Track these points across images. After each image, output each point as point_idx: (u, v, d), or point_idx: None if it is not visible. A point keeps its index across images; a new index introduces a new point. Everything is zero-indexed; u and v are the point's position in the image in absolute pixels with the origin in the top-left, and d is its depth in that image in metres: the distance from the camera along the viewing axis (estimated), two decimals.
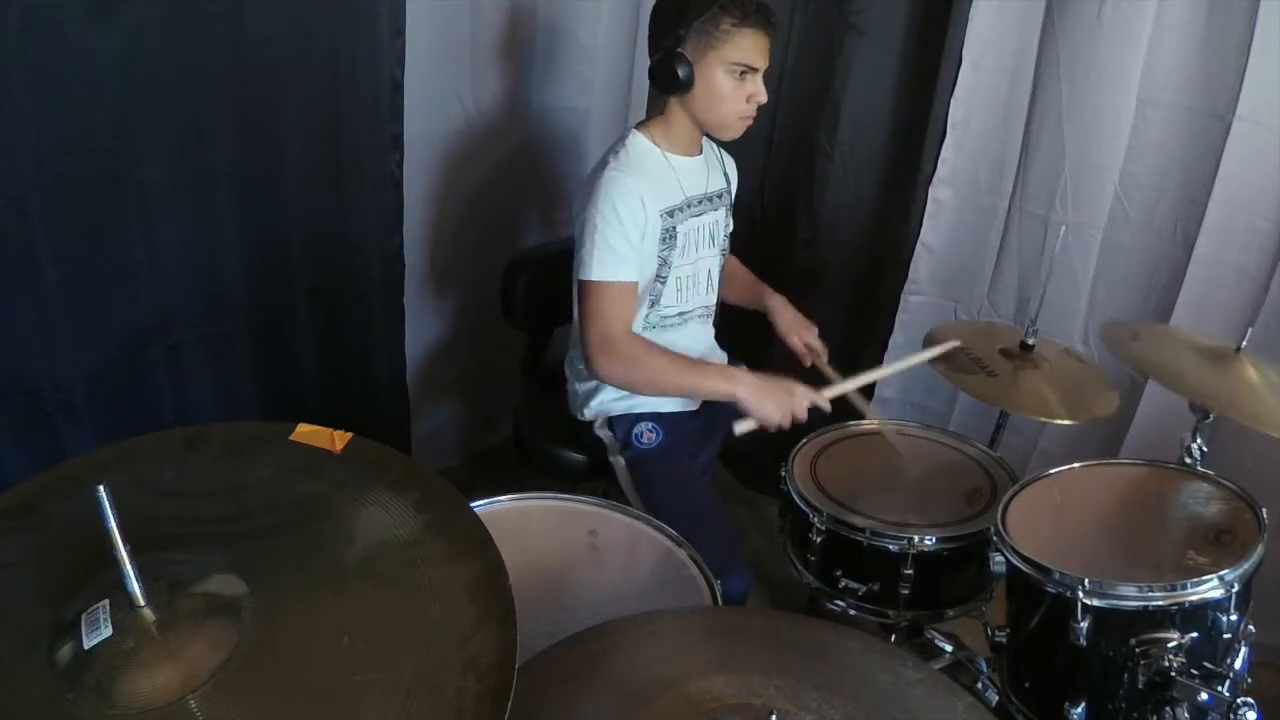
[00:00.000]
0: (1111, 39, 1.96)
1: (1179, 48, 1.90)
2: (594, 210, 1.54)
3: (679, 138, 1.66)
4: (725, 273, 1.87)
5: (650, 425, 1.71)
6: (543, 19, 2.20)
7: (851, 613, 1.52)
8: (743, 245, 1.96)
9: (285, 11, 1.59)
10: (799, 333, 1.86)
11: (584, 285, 1.58)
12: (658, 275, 1.66)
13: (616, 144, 1.65)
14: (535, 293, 1.97)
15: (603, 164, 1.60)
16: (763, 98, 1.58)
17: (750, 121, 1.62)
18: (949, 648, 1.51)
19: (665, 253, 1.65)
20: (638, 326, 1.68)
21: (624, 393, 1.72)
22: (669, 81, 1.56)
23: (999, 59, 2.15)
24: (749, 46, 1.53)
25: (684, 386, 1.64)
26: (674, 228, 1.64)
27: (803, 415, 1.55)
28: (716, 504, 1.67)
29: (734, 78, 1.55)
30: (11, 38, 1.28)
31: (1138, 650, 1.14)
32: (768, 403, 1.53)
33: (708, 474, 1.74)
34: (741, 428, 1.54)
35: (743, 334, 1.95)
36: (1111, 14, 1.94)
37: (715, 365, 1.75)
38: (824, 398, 1.57)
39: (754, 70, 1.55)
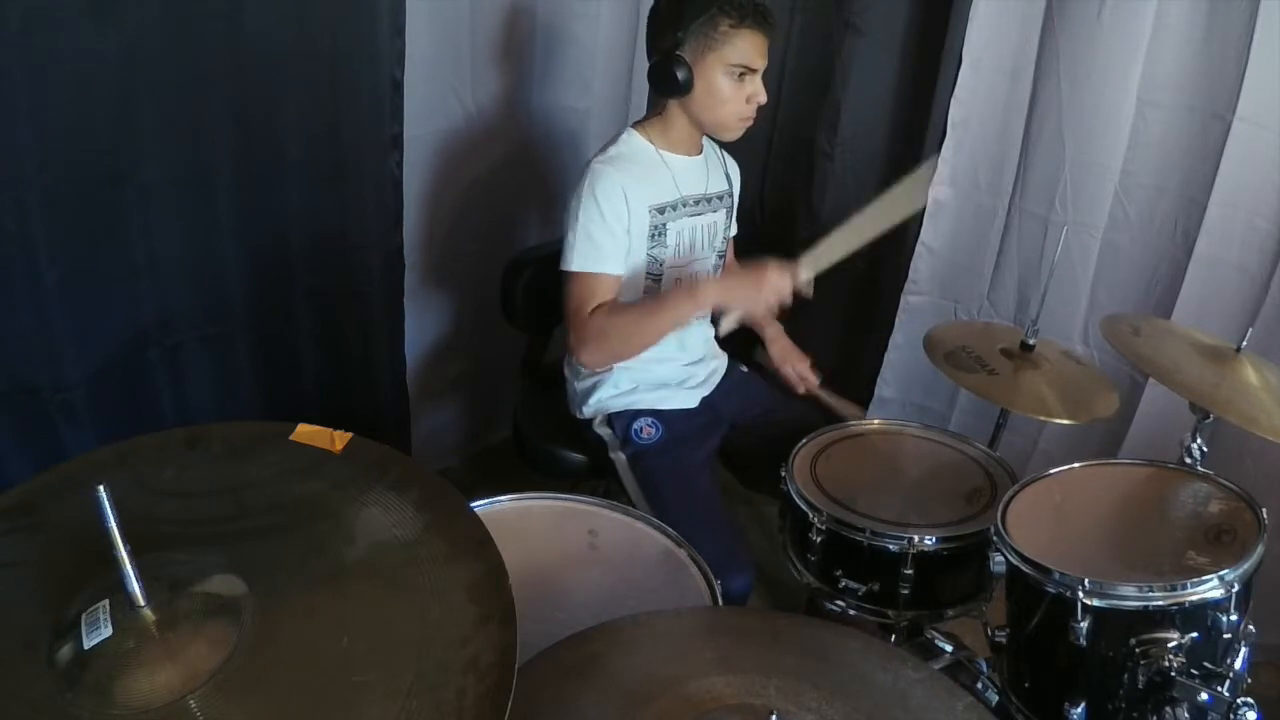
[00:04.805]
0: (1111, 39, 1.96)
1: (1179, 48, 1.90)
2: (577, 202, 1.56)
3: (677, 138, 1.65)
4: None
5: (649, 420, 1.71)
6: (542, 19, 2.20)
7: (851, 613, 1.51)
8: (743, 246, 1.96)
9: (285, 11, 1.59)
10: (791, 362, 1.86)
11: (566, 276, 1.59)
12: (649, 274, 1.66)
13: (609, 141, 1.65)
14: (535, 293, 1.97)
15: (592, 158, 1.61)
16: (762, 98, 1.58)
17: (750, 122, 1.62)
18: (949, 648, 1.51)
19: (655, 250, 1.65)
20: None
21: (622, 389, 1.73)
22: (668, 84, 1.56)
23: (999, 59, 2.15)
24: (747, 47, 1.53)
25: (663, 328, 1.57)
26: (664, 225, 1.64)
27: (783, 293, 1.49)
28: (718, 500, 1.68)
29: (733, 79, 1.55)
30: (11, 38, 1.28)
31: (1138, 650, 1.13)
32: (736, 297, 1.52)
33: (707, 469, 1.74)
34: (725, 326, 1.53)
35: (745, 334, 1.95)
36: (1111, 14, 1.94)
37: (676, 292, 1.62)
38: (800, 274, 1.50)
39: (753, 71, 1.55)
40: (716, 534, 1.51)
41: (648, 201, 1.61)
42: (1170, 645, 1.12)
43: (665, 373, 1.76)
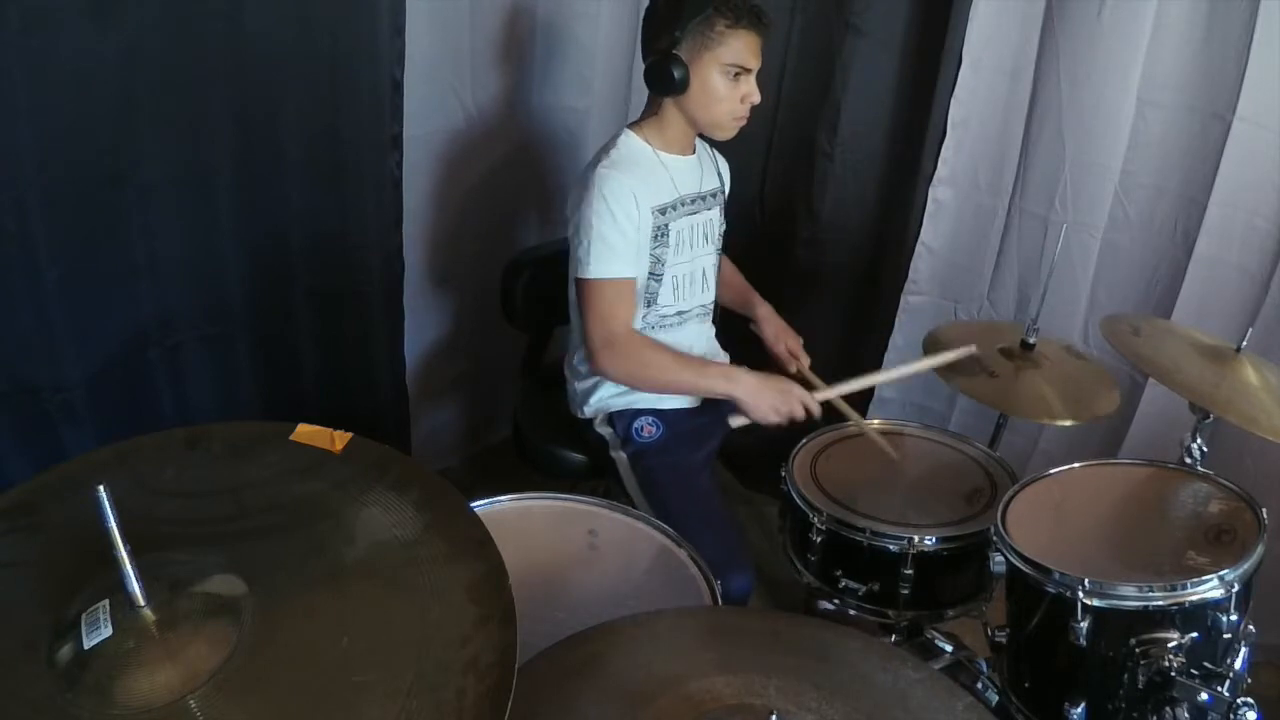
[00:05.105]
0: (1111, 39, 1.96)
1: (1179, 48, 1.90)
2: (588, 208, 1.55)
3: (672, 137, 1.66)
4: (720, 273, 1.87)
5: (650, 420, 1.72)
6: (542, 19, 2.20)
7: (851, 613, 1.51)
8: (742, 245, 1.96)
9: (285, 11, 1.59)
10: (784, 340, 1.87)
11: (583, 284, 1.58)
12: (652, 274, 1.67)
13: (608, 143, 1.66)
14: (535, 293, 1.97)
15: (594, 163, 1.61)
16: (756, 98, 1.60)
17: (744, 122, 1.63)
18: (949, 648, 1.51)
19: (658, 250, 1.65)
20: (637, 326, 1.68)
21: (623, 388, 1.73)
22: (664, 83, 1.57)
23: (999, 59, 2.15)
24: (742, 47, 1.54)
25: (685, 384, 1.66)
26: (666, 225, 1.65)
27: (799, 414, 1.58)
28: (718, 499, 1.68)
29: (728, 78, 1.56)
30: (11, 38, 1.28)
31: (1138, 650, 1.14)
32: (763, 403, 1.56)
33: (708, 469, 1.75)
34: (736, 422, 1.59)
35: (744, 333, 1.95)
36: (1111, 14, 1.94)
37: (716, 364, 1.76)
38: (816, 402, 1.60)
39: (747, 71, 1.57)
40: (716, 534, 1.51)
41: (651, 203, 1.61)
42: (1170, 645, 1.12)
43: None
